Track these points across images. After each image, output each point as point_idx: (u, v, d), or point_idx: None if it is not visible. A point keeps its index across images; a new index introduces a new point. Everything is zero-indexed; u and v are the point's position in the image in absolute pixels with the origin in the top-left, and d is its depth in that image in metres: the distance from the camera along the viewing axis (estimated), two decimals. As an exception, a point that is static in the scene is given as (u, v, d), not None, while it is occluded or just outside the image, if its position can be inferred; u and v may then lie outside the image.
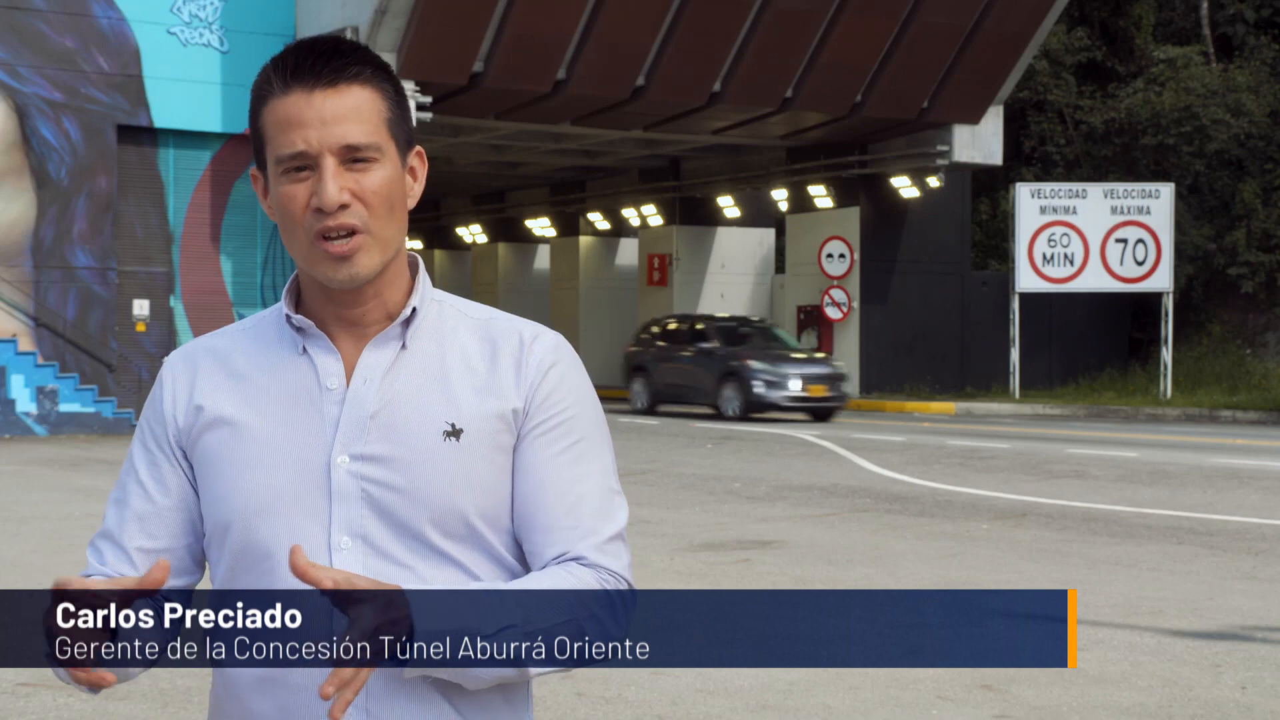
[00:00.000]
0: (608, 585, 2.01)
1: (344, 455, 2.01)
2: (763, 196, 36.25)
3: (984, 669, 7.20)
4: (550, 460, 2.06)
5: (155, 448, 2.10)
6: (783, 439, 21.63)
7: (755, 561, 10.63)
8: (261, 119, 2.03)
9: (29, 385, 24.35)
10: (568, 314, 39.11)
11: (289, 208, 2.00)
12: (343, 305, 2.05)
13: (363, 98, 2.00)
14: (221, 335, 2.15)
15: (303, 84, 1.99)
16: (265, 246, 26.43)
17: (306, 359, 2.07)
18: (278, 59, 2.02)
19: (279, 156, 2.00)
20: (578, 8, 25.73)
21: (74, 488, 15.76)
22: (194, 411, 2.08)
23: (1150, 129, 34.51)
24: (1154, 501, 14.14)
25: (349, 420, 2.02)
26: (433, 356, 2.07)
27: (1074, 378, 33.21)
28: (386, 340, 2.06)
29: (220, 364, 2.10)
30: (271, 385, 2.06)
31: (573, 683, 6.91)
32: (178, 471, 2.09)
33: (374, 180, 2.00)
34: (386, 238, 2.01)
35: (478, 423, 2.04)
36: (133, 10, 25.12)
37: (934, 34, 28.26)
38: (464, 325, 2.11)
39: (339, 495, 2.01)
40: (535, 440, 2.06)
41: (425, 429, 2.02)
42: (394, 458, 2.02)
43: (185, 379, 2.11)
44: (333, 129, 1.97)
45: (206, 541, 2.10)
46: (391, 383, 2.05)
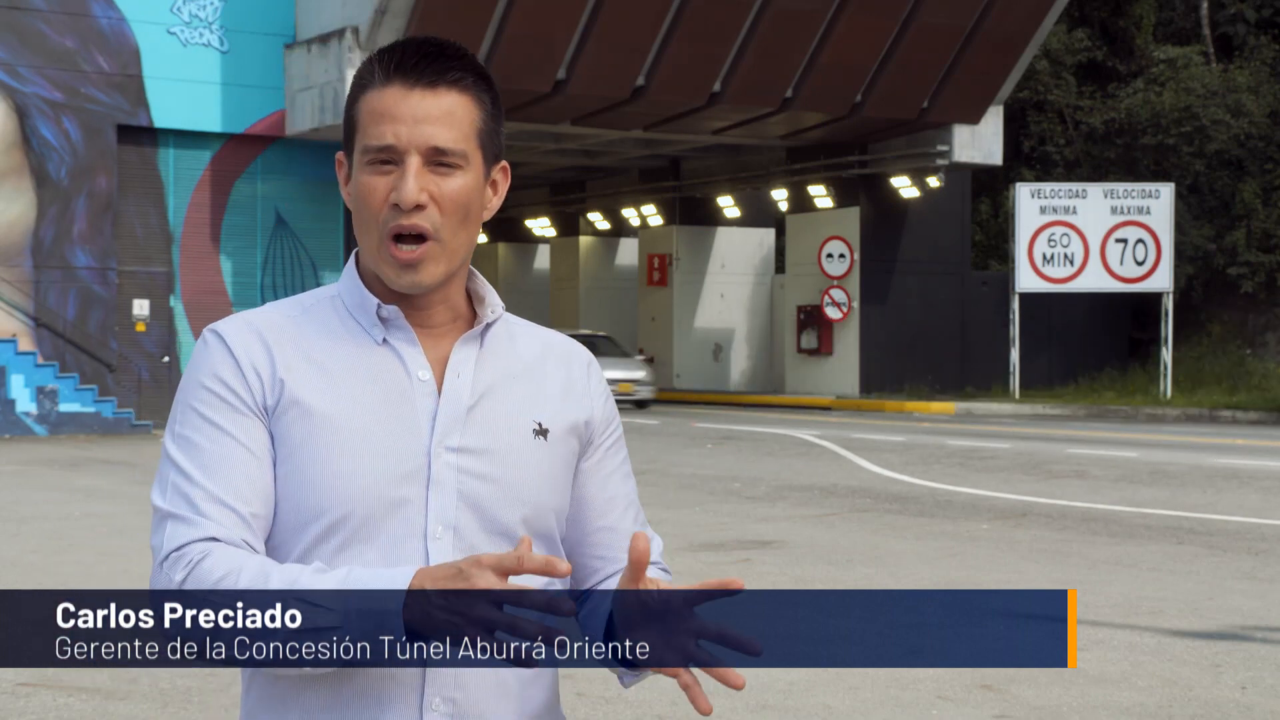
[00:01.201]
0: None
1: (443, 446, 2.02)
2: (763, 196, 36.26)
3: (984, 669, 7.20)
4: (616, 471, 2.21)
5: (244, 408, 1.99)
6: (783, 439, 21.63)
7: (755, 561, 10.63)
8: (357, 106, 2.04)
9: (29, 385, 24.36)
10: (568, 314, 39.12)
11: (368, 199, 2.01)
12: (411, 306, 2.07)
13: (458, 103, 2.02)
14: (273, 314, 2.08)
15: (404, 79, 2.01)
16: (265, 246, 26.44)
17: (388, 349, 2.06)
18: (384, 51, 2.04)
19: (367, 146, 2.01)
20: (578, 8, 25.74)
21: (74, 488, 15.76)
22: (277, 385, 2.00)
23: (1150, 129, 34.52)
24: (1154, 501, 14.14)
25: (447, 412, 2.04)
26: (510, 357, 2.11)
27: (1074, 378, 33.21)
28: (471, 339, 2.09)
29: (291, 343, 2.04)
30: (355, 372, 2.04)
31: (573, 683, 6.91)
32: (267, 434, 2.00)
33: (454, 186, 2.01)
34: (455, 247, 2.03)
35: (560, 426, 2.11)
36: (133, 10, 25.12)
37: (934, 34, 28.26)
38: (520, 331, 2.17)
39: (437, 486, 2.01)
40: (606, 453, 2.19)
41: (517, 425, 2.07)
42: (490, 450, 2.04)
43: (260, 350, 2.02)
44: (423, 128, 1.99)
45: (277, 523, 2.00)
46: (480, 378, 2.07)
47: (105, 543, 11.43)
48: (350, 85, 2.08)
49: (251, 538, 1.95)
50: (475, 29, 25.27)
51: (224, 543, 1.93)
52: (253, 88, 25.71)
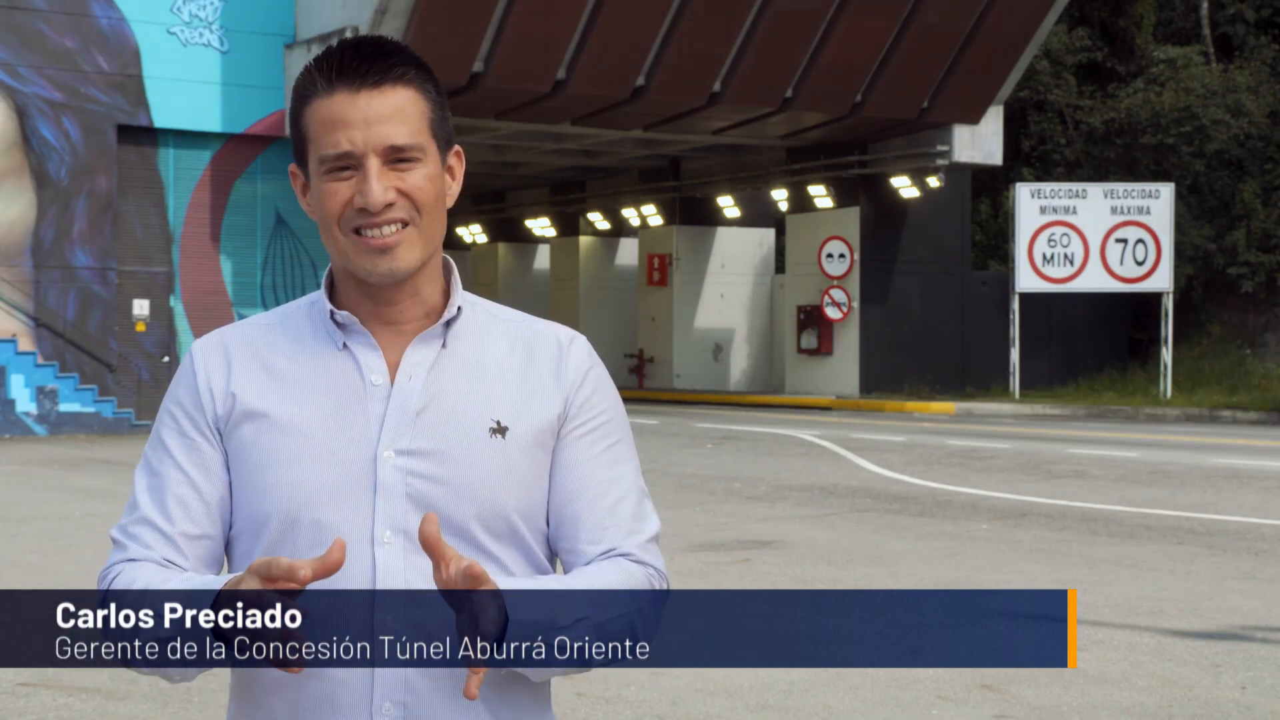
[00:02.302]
0: (655, 583, 2.06)
1: (389, 450, 2.02)
2: (763, 196, 36.26)
3: (984, 669, 7.20)
4: (591, 461, 2.11)
5: (194, 431, 2.07)
6: (783, 439, 21.63)
7: (755, 561, 10.63)
8: (304, 118, 2.04)
9: (29, 385, 24.36)
10: (568, 314, 39.10)
11: (331, 205, 2.02)
12: (380, 302, 2.07)
13: (406, 98, 2.02)
14: (249, 326, 2.14)
15: (348, 84, 2.01)
16: (265, 246, 26.43)
17: (347, 354, 2.07)
18: (321, 59, 2.04)
19: (323, 156, 2.01)
20: (578, 8, 25.73)
21: (74, 488, 15.77)
22: (229, 399, 2.07)
23: (1150, 129, 34.51)
24: (1154, 501, 14.14)
25: (395, 415, 2.03)
26: (472, 356, 2.09)
27: (1074, 378, 33.21)
28: (429, 339, 2.08)
29: (254, 355, 2.10)
30: (312, 379, 2.07)
31: (573, 683, 6.91)
32: (218, 455, 2.07)
33: (417, 178, 2.02)
34: (429, 234, 2.04)
35: (522, 421, 2.06)
36: (133, 10, 25.12)
37: (934, 34, 28.26)
38: (497, 327, 2.13)
39: (383, 490, 2.01)
40: (577, 441, 2.10)
41: (471, 425, 2.04)
42: (440, 453, 2.03)
43: (219, 365, 2.09)
44: (377, 129, 2.00)
45: (234, 533, 2.09)
46: (435, 380, 2.06)
47: (105, 543, 11.38)
48: (292, 98, 2.07)
49: (174, 554, 2.03)
50: (475, 29, 25.27)
51: (140, 561, 2.02)
52: (253, 88, 25.70)
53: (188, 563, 2.04)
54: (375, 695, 1.98)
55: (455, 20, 24.90)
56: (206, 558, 2.07)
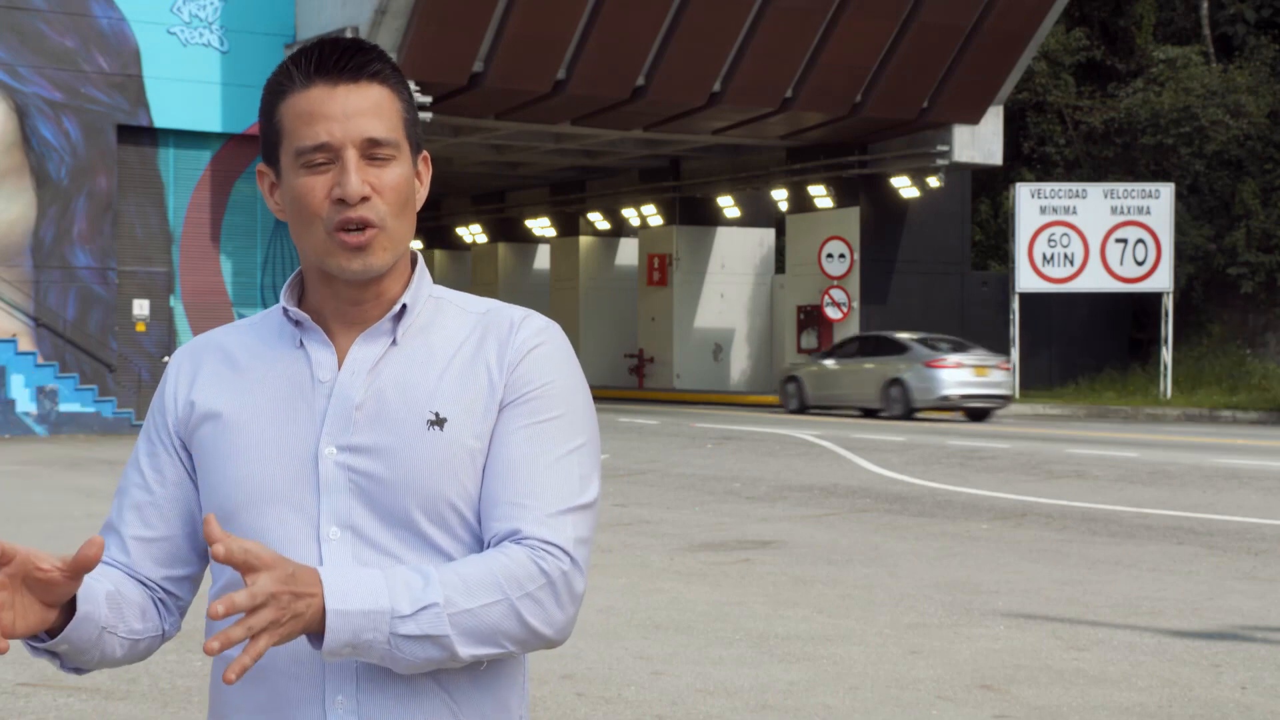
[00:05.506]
0: (542, 562, 1.95)
1: (330, 446, 2.03)
2: (763, 196, 36.26)
3: (984, 669, 7.21)
4: (513, 434, 2.03)
5: (155, 439, 2.14)
6: (783, 439, 21.63)
7: (755, 561, 10.63)
8: (279, 113, 2.05)
9: (29, 385, 24.36)
10: (568, 314, 39.10)
11: (307, 199, 2.02)
12: (346, 300, 2.07)
13: (383, 95, 2.03)
14: (229, 330, 2.19)
15: (326, 78, 2.02)
16: (265, 246, 26.43)
17: (303, 352, 2.09)
18: (298, 55, 2.05)
19: (300, 148, 2.01)
20: (578, 8, 25.74)
21: (74, 488, 15.77)
22: (189, 406, 2.11)
23: (1150, 129, 34.52)
24: (1154, 501, 14.14)
25: (335, 411, 2.04)
26: (422, 350, 2.08)
27: (1074, 378, 33.22)
28: (377, 335, 2.07)
29: (223, 358, 2.13)
30: (267, 378, 2.09)
31: (572, 683, 6.92)
32: (175, 462, 2.12)
33: (391, 176, 2.02)
34: (400, 235, 2.04)
35: (462, 408, 2.03)
36: (133, 10, 25.12)
37: (934, 34, 28.26)
38: (460, 319, 2.11)
39: (326, 486, 2.02)
40: (504, 414, 2.04)
41: (410, 419, 2.03)
42: (380, 448, 2.02)
43: (188, 373, 2.14)
44: (356, 122, 2.00)
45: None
46: (378, 375, 2.06)
47: (105, 543, 11.43)
48: (263, 95, 2.07)
49: (125, 557, 2.10)
50: (475, 29, 25.27)
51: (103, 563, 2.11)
52: (253, 88, 25.69)
53: (130, 561, 2.10)
54: (327, 689, 1.98)
55: (455, 20, 24.91)
56: (162, 558, 2.11)
